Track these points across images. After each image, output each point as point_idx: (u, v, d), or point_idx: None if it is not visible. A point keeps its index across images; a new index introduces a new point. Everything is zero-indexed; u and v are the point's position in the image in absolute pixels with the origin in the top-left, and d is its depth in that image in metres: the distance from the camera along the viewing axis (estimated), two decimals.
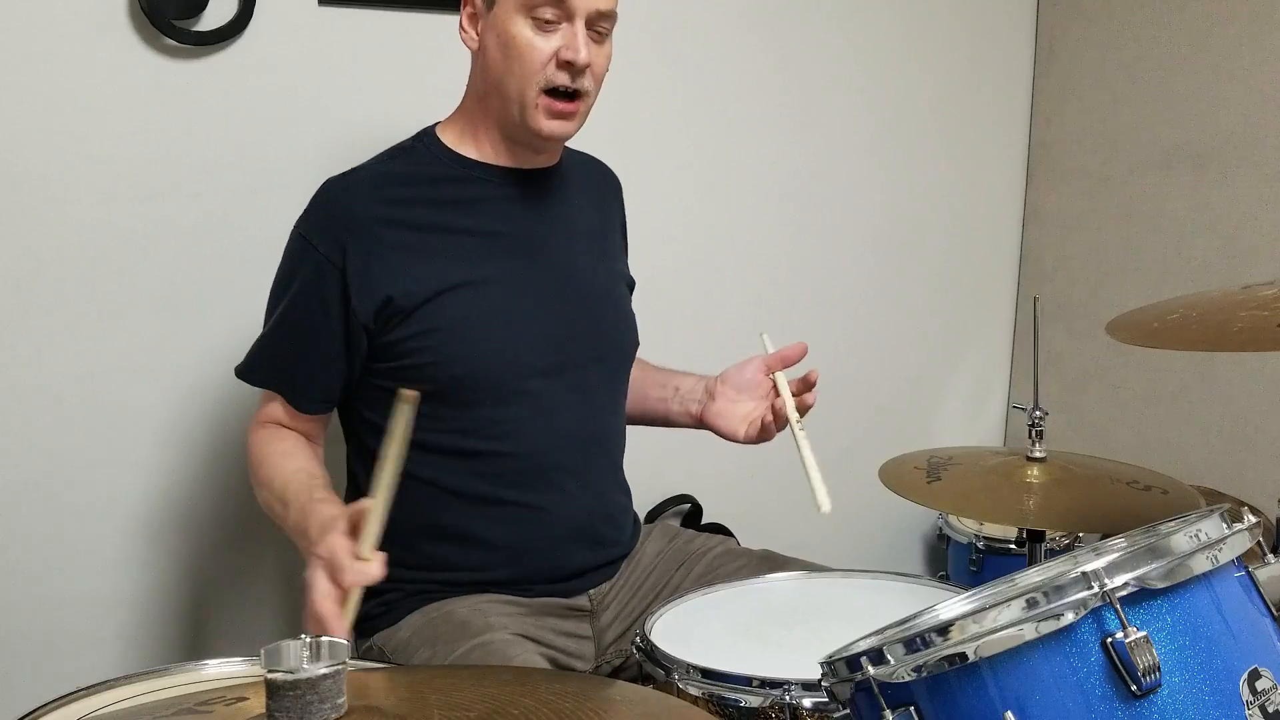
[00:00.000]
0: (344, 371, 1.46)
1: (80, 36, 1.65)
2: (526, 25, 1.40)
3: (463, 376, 1.44)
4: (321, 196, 1.47)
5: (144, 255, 1.74)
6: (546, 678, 1.08)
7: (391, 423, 1.19)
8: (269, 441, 1.47)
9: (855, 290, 2.50)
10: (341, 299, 1.42)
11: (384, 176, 1.49)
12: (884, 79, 2.44)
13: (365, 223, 1.43)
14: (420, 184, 1.49)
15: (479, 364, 1.45)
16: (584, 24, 1.40)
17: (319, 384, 1.47)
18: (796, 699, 1.13)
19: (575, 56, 1.40)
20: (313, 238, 1.44)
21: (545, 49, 1.40)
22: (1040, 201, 2.68)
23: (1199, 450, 2.37)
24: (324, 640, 0.74)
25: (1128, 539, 1.07)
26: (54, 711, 1.11)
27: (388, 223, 1.44)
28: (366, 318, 1.42)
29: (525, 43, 1.40)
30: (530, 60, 1.41)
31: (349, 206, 1.45)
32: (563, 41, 1.40)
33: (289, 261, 1.48)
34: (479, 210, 1.49)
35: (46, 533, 1.73)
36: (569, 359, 1.50)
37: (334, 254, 1.42)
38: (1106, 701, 0.85)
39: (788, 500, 2.41)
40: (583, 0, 1.39)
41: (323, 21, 1.81)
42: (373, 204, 1.45)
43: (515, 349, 1.47)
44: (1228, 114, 2.28)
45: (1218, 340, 1.36)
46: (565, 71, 1.41)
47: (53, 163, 1.66)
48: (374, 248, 1.42)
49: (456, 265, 1.45)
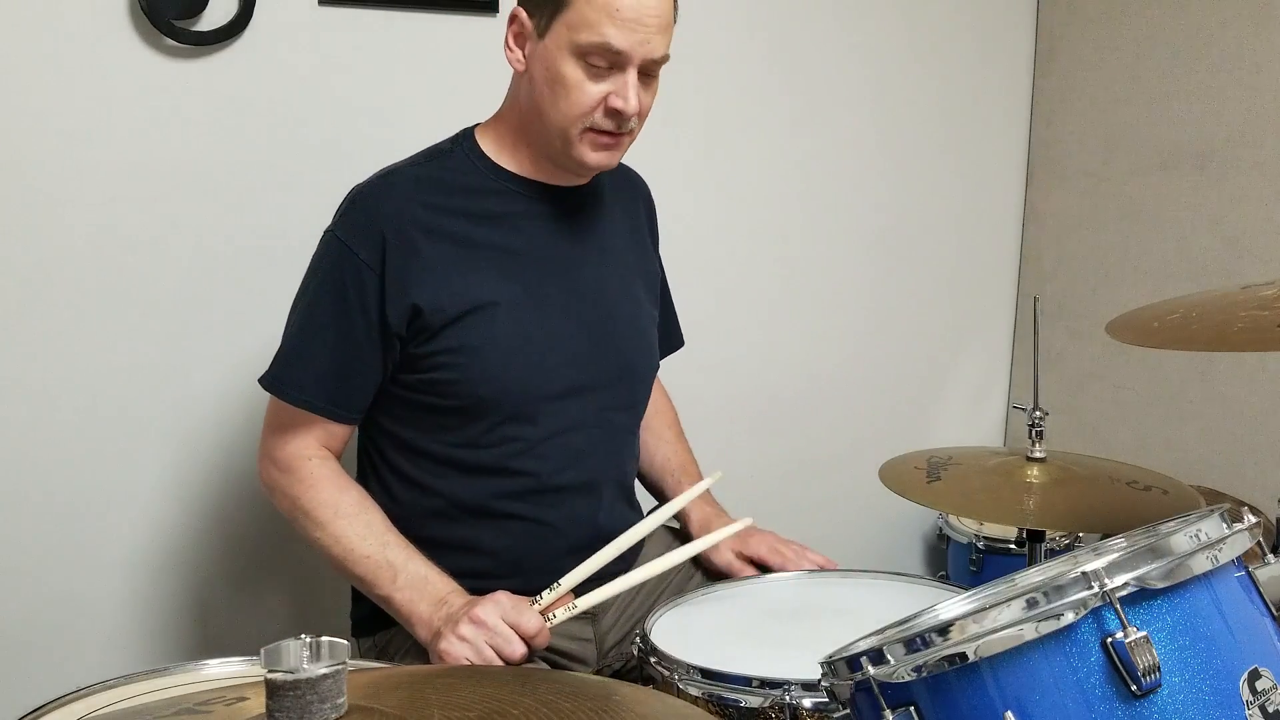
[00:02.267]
0: (380, 380, 1.44)
1: (80, 36, 1.65)
2: (577, 67, 1.36)
3: (487, 397, 1.43)
4: (358, 199, 1.44)
5: (145, 255, 1.74)
6: (546, 678, 1.07)
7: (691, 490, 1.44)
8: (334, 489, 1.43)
9: (855, 290, 2.50)
10: (379, 305, 1.39)
11: (421, 181, 1.45)
12: (884, 79, 2.45)
13: (404, 227, 1.40)
14: (457, 193, 1.45)
15: (504, 384, 1.43)
16: (636, 70, 1.37)
17: (359, 395, 1.45)
18: (796, 699, 1.13)
19: (625, 106, 1.37)
20: (351, 242, 1.40)
21: (594, 93, 1.37)
22: (1040, 201, 2.68)
23: (1199, 450, 2.37)
24: (324, 640, 0.74)
25: (1128, 539, 1.07)
26: (54, 711, 1.11)
27: (425, 230, 1.41)
28: (399, 326, 1.40)
29: (575, 84, 1.36)
30: (578, 103, 1.37)
31: (388, 210, 1.41)
32: (613, 88, 1.36)
33: (325, 267, 1.43)
34: (513, 227, 1.47)
35: (47, 533, 1.73)
36: (590, 381, 1.50)
37: (373, 259, 1.39)
38: (1106, 701, 0.85)
39: (788, 500, 2.42)
40: (640, 50, 1.35)
41: (323, 21, 1.81)
42: (411, 208, 1.42)
43: (540, 371, 1.45)
44: (1228, 114, 2.28)
45: (1218, 340, 1.36)
46: (613, 119, 1.38)
47: (53, 163, 1.66)
48: (411, 255, 1.40)
49: (488, 283, 1.43)
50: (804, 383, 2.46)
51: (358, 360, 1.42)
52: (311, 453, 1.45)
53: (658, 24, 1.35)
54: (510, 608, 1.31)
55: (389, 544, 1.40)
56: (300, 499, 1.43)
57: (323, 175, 1.56)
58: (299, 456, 1.44)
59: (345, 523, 1.41)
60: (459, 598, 1.36)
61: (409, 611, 1.37)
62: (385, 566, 1.38)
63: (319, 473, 1.44)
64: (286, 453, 1.45)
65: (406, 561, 1.39)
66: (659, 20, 1.35)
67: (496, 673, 1.08)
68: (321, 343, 1.42)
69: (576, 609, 1.34)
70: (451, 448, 1.46)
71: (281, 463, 1.45)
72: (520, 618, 1.30)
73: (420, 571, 1.38)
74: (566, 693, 0.86)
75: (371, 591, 1.41)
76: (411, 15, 1.87)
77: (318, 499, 1.42)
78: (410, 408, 1.46)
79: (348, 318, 1.40)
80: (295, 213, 1.73)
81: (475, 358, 1.42)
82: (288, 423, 1.45)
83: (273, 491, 1.48)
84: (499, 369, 1.43)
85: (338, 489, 1.43)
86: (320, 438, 1.45)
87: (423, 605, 1.36)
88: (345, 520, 1.41)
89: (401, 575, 1.38)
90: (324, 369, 1.42)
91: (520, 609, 1.31)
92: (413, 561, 1.39)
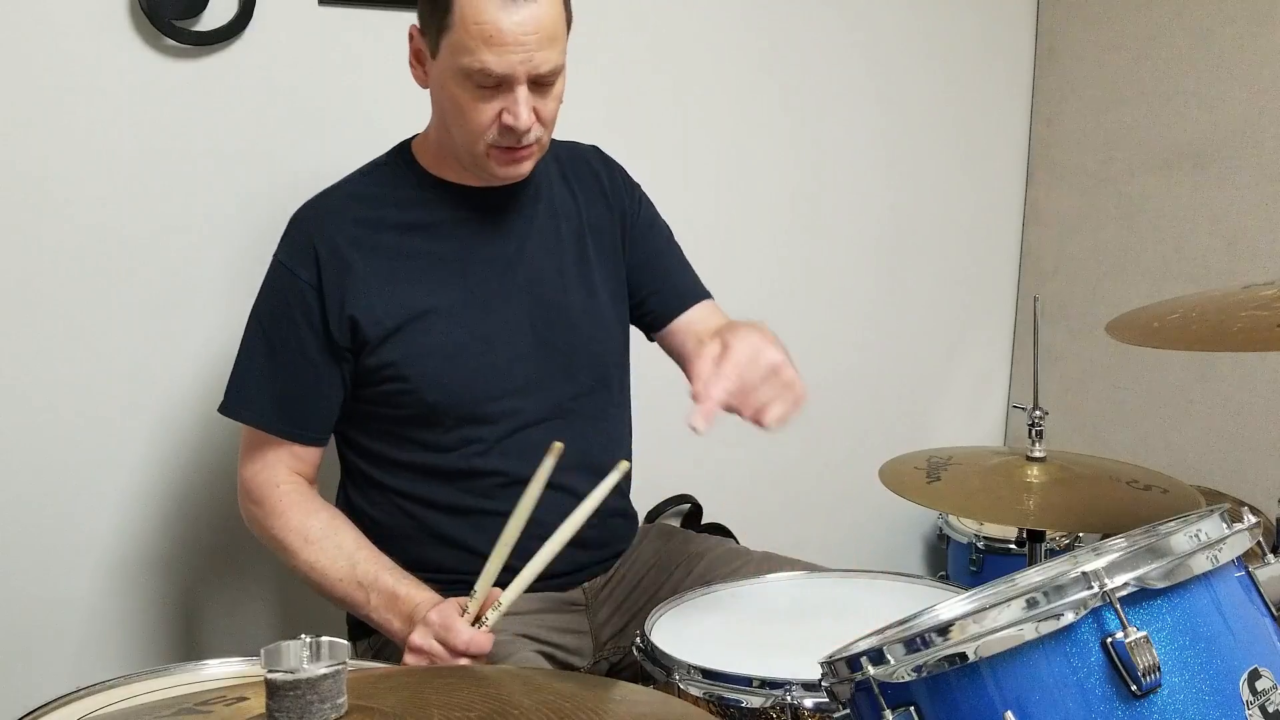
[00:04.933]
0: (341, 396, 1.46)
1: (80, 36, 1.65)
2: (466, 90, 1.35)
3: (437, 403, 1.45)
4: (296, 222, 1.47)
5: (144, 256, 1.74)
6: (547, 678, 1.07)
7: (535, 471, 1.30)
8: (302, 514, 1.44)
9: (855, 290, 2.50)
10: (323, 321, 1.42)
11: (354, 198, 1.48)
12: (884, 79, 2.44)
13: (337, 245, 1.43)
14: (389, 206, 1.48)
15: (451, 389, 1.45)
16: (524, 84, 1.35)
17: (316, 415, 1.46)
18: (797, 699, 1.13)
19: (515, 124, 1.35)
20: (291, 264, 1.44)
21: (487, 112, 1.36)
22: (1040, 201, 2.68)
23: (1199, 450, 2.37)
24: (324, 640, 0.74)
25: (1128, 539, 1.07)
26: (54, 711, 1.11)
27: (357, 246, 1.44)
28: (344, 340, 1.42)
29: (466, 105, 1.36)
30: (472, 123, 1.37)
31: (321, 230, 1.44)
32: (505, 104, 1.35)
33: (273, 291, 1.46)
34: (448, 233, 1.48)
35: (47, 533, 1.73)
36: (540, 375, 1.50)
37: (312, 277, 1.42)
38: (1106, 701, 0.85)
39: (788, 500, 2.42)
40: (522, 69, 1.33)
41: (323, 21, 1.81)
42: (344, 225, 1.45)
43: (485, 372, 1.46)
44: (1228, 114, 2.28)
45: (1218, 340, 1.36)
46: (508, 135, 1.37)
47: (52, 162, 1.66)
48: (345, 271, 1.42)
49: (423, 292, 1.44)
50: (804, 382, 2.45)
51: (311, 379, 1.44)
52: (281, 479, 1.46)
53: (538, 40, 1.32)
54: (439, 626, 1.29)
55: (358, 563, 1.40)
56: (272, 529, 1.45)
57: (322, 175, 1.56)
58: (268, 485, 1.45)
59: (315, 549, 1.42)
60: (424, 610, 1.35)
61: (387, 631, 1.39)
62: (357, 588, 1.39)
63: (287, 500, 1.45)
64: (257, 484, 1.46)
65: (376, 579, 1.39)
66: (538, 37, 1.32)
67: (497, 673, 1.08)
68: (273, 364, 1.45)
69: (503, 605, 1.31)
70: (419, 455, 1.47)
71: (254, 494, 1.47)
72: (449, 635, 1.29)
73: (389, 587, 1.38)
74: (567, 693, 0.86)
75: (355, 613, 1.43)
76: (411, 15, 1.86)
77: (287, 527, 1.43)
78: (374, 420, 1.49)
79: (297, 338, 1.43)
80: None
81: (418, 367, 1.43)
82: (255, 452, 1.47)
83: (251, 523, 1.49)
84: (443, 375, 1.44)
85: (305, 513, 1.44)
86: (288, 463, 1.46)
87: (396, 623, 1.37)
88: (315, 546, 1.42)
89: (373, 594, 1.39)
90: (278, 390, 1.44)
91: (449, 625, 1.29)
92: (382, 577, 1.39)
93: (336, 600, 1.43)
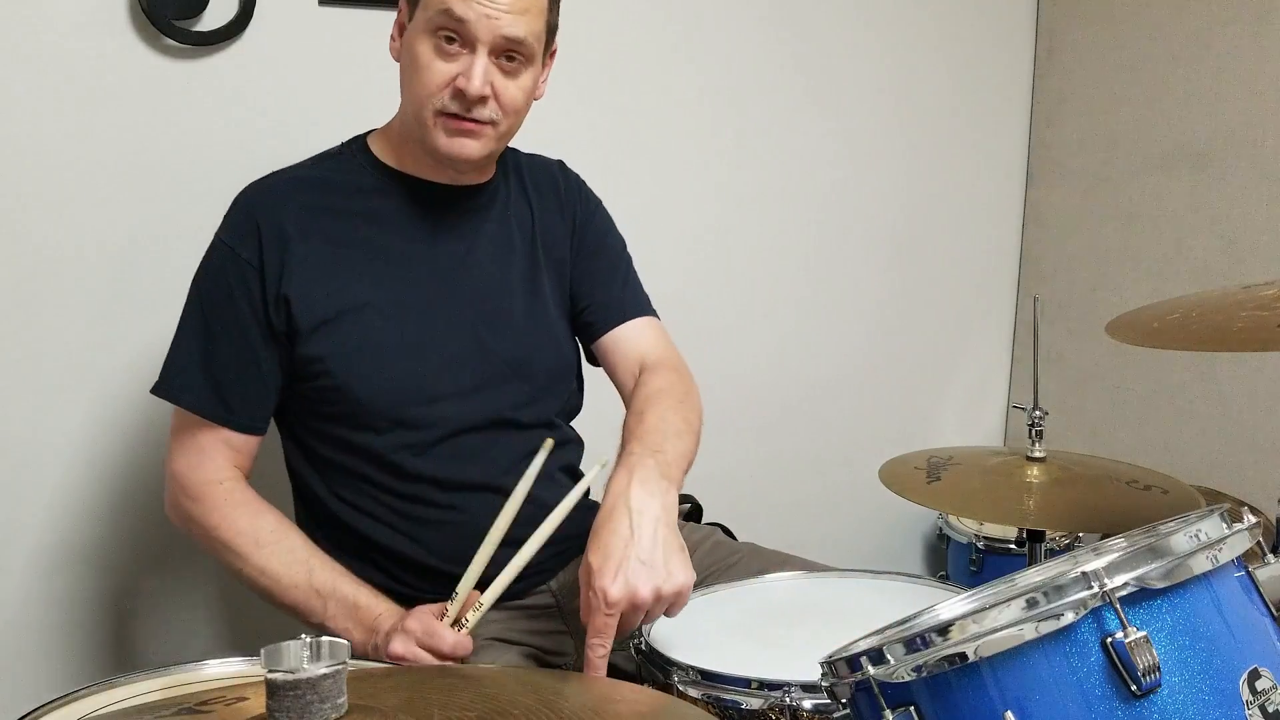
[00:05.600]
0: (278, 383, 1.42)
1: (80, 36, 1.65)
2: (430, 45, 1.35)
3: (366, 401, 1.40)
4: (239, 202, 1.44)
5: (144, 255, 1.74)
6: (547, 678, 1.07)
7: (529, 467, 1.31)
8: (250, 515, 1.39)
9: (855, 290, 2.50)
10: (262, 300, 1.38)
11: (301, 182, 1.46)
12: (884, 80, 2.44)
13: (280, 225, 1.40)
14: (337, 193, 1.45)
15: (381, 388, 1.41)
16: (488, 52, 1.34)
17: (253, 399, 1.41)
18: (797, 700, 1.13)
19: (466, 85, 1.33)
20: (232, 242, 1.40)
21: (443, 72, 1.35)
22: (1040, 201, 2.68)
23: (1199, 450, 2.37)
24: (324, 640, 0.74)
25: (1128, 539, 1.07)
26: (54, 711, 1.11)
27: (300, 229, 1.41)
28: (280, 322, 1.39)
29: (425, 63, 1.35)
30: (427, 82, 1.36)
31: (264, 210, 1.41)
32: (461, 69, 1.34)
33: (211, 270, 1.42)
34: (395, 226, 1.45)
35: (47, 532, 1.73)
36: (476, 382, 1.46)
37: (253, 256, 1.39)
38: (1106, 701, 0.85)
39: (788, 500, 2.42)
40: (485, 26, 1.32)
41: (323, 21, 1.81)
42: (287, 208, 1.42)
43: (418, 374, 1.42)
44: (1228, 114, 2.28)
45: (1218, 340, 1.36)
46: (458, 100, 1.35)
47: (52, 162, 1.66)
48: (285, 253, 1.39)
49: (361, 285, 1.41)
50: (804, 383, 2.46)
51: (246, 360, 1.39)
52: (223, 476, 1.41)
53: (510, 2, 1.33)
54: (421, 633, 1.28)
55: (313, 569, 1.36)
56: (217, 529, 1.39)
57: None
58: (209, 482, 1.40)
59: (267, 553, 1.37)
60: (388, 619, 1.33)
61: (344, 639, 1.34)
62: (314, 595, 1.35)
63: (232, 499, 1.40)
64: (196, 479, 1.41)
65: (334, 587, 1.36)
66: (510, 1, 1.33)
67: (497, 673, 1.08)
68: (209, 344, 1.40)
69: (484, 606, 1.30)
70: (354, 457, 1.43)
71: (192, 490, 1.41)
72: (433, 640, 1.27)
73: (349, 596, 1.35)
74: (567, 693, 0.86)
75: (306, 621, 1.37)
76: None
77: (235, 528, 1.38)
78: (312, 419, 1.45)
79: (234, 317, 1.39)
80: None
81: (349, 362, 1.40)
82: (189, 442, 1.41)
83: (187, 522, 1.43)
84: (373, 372, 1.40)
85: (253, 514, 1.40)
86: (227, 455, 1.41)
87: (356, 633, 1.33)
88: (267, 550, 1.37)
89: (330, 602, 1.35)
90: (214, 371, 1.40)
91: (431, 630, 1.28)
92: (340, 585, 1.36)
93: (285, 607, 1.38)
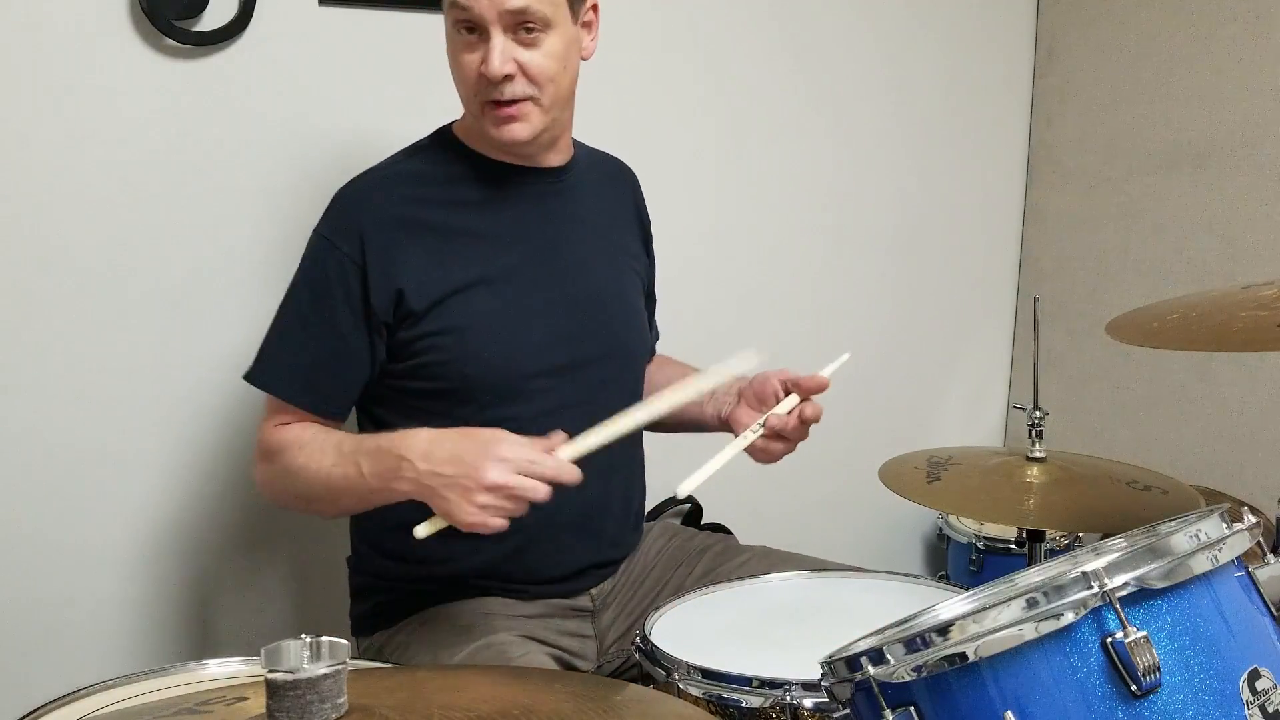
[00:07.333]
0: (368, 373, 1.45)
1: (80, 36, 1.65)
2: (457, 41, 1.40)
3: (474, 375, 1.44)
4: (340, 198, 1.47)
5: (144, 255, 1.74)
6: (548, 678, 1.08)
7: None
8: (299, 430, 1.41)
9: (855, 290, 2.50)
10: (363, 297, 1.41)
11: (400, 175, 1.49)
12: (884, 80, 2.44)
13: (382, 221, 1.43)
14: (434, 183, 1.49)
15: (490, 362, 1.44)
16: (501, 30, 1.36)
17: (342, 389, 1.45)
18: (797, 699, 1.13)
19: (487, 70, 1.36)
20: (334, 238, 1.43)
21: (471, 64, 1.39)
22: (1040, 201, 2.68)
23: (1199, 450, 2.37)
24: (324, 640, 0.74)
25: (1128, 539, 1.07)
26: (54, 711, 1.11)
27: (403, 222, 1.43)
28: (385, 314, 1.42)
29: (455, 60, 1.41)
30: (464, 78, 1.41)
31: (367, 206, 1.44)
32: (484, 55, 1.37)
33: (311, 264, 1.45)
34: (491, 210, 1.49)
35: (47, 532, 1.73)
36: (577, 358, 1.50)
37: (355, 252, 1.41)
38: (1106, 701, 0.85)
39: (788, 500, 2.42)
40: (486, 6, 1.34)
41: (323, 21, 1.81)
42: (389, 203, 1.45)
43: (525, 349, 1.46)
44: (1228, 114, 2.28)
45: (1218, 340, 1.36)
46: (490, 87, 1.38)
47: (52, 162, 1.66)
48: (390, 246, 1.42)
49: (468, 266, 1.45)
50: None
51: (341, 352, 1.43)
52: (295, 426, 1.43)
53: None
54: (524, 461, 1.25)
55: (340, 442, 1.37)
56: (285, 467, 1.40)
57: (321, 175, 1.57)
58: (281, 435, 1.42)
59: (308, 452, 1.37)
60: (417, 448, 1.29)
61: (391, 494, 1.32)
62: (350, 463, 1.34)
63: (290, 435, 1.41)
64: (272, 443, 1.43)
65: (359, 445, 1.35)
66: None
67: (498, 673, 1.08)
68: (304, 335, 1.44)
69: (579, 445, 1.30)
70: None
71: (269, 452, 1.43)
72: (535, 466, 1.25)
73: (371, 445, 1.33)
74: (569, 693, 0.86)
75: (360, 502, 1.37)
76: (411, 15, 1.87)
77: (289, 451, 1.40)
78: (404, 397, 1.47)
79: (331, 310, 1.42)
80: (295, 213, 1.73)
81: (460, 338, 1.43)
82: (274, 420, 1.45)
83: (269, 487, 1.46)
84: (484, 347, 1.44)
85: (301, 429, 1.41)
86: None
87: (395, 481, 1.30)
88: (308, 451, 1.38)
89: (363, 461, 1.33)
90: (307, 360, 1.43)
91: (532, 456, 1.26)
92: (364, 442, 1.35)
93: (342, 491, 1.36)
